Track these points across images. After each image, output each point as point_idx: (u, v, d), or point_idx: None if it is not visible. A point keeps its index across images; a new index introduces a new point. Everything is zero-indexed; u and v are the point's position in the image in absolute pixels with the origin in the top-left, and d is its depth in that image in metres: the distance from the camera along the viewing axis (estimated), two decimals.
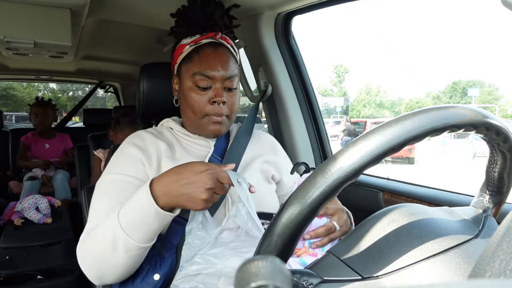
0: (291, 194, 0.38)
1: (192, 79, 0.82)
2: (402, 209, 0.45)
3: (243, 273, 0.20)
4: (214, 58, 0.82)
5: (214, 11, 0.86)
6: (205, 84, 0.82)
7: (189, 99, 0.83)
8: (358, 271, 0.38)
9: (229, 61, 0.84)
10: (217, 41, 0.85)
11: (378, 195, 1.17)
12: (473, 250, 0.39)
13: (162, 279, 0.72)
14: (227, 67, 0.83)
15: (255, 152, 0.93)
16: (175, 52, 0.88)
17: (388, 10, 77.93)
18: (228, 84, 0.83)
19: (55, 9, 1.23)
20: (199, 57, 0.82)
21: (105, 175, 0.80)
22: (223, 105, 0.82)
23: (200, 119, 0.84)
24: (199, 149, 0.88)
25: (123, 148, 0.84)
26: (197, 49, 0.83)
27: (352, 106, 39.37)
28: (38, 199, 2.07)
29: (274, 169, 0.94)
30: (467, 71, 57.79)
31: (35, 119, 2.64)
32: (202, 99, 0.82)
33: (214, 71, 0.81)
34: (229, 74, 0.83)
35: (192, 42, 0.84)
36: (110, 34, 1.92)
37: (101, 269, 0.69)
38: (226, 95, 0.83)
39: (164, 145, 0.84)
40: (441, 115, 0.38)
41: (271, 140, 1.01)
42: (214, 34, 0.86)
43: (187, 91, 0.83)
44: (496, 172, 0.48)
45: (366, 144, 0.36)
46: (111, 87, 3.58)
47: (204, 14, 0.85)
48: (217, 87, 0.82)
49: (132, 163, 0.80)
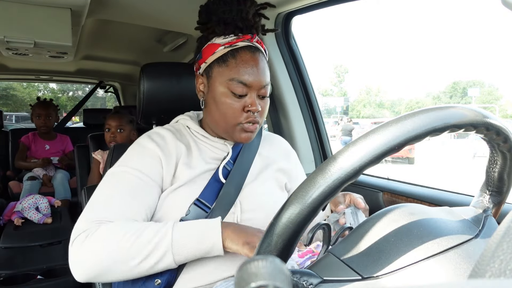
0: (291, 194, 0.38)
1: (227, 85, 0.77)
2: (402, 209, 0.45)
3: (243, 273, 0.20)
4: (253, 64, 0.77)
5: (249, 8, 0.80)
6: (241, 91, 0.77)
7: (221, 106, 0.78)
8: (358, 271, 0.38)
9: (265, 67, 0.80)
10: (254, 45, 0.80)
11: (378, 195, 1.17)
12: (473, 250, 0.39)
13: (163, 284, 0.71)
14: (264, 75, 0.79)
15: (270, 157, 0.91)
16: (204, 50, 0.81)
17: (388, 10, 77.98)
18: (262, 92, 0.80)
19: (55, 9, 1.23)
20: (236, 62, 0.77)
21: (119, 166, 0.77)
22: (256, 113, 0.79)
23: (232, 127, 0.80)
24: (216, 152, 0.85)
25: (141, 142, 0.80)
26: (233, 52, 0.78)
27: (352, 106, 39.37)
28: (38, 199, 2.07)
29: (287, 177, 0.92)
30: (468, 71, 57.83)
31: (38, 120, 2.62)
32: (236, 106, 0.78)
33: (252, 78, 0.77)
34: (265, 82, 0.79)
35: (227, 43, 0.78)
36: (110, 34, 1.92)
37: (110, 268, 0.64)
38: (259, 102, 0.80)
39: (184, 149, 0.81)
40: (441, 115, 0.38)
41: (285, 146, 0.98)
42: (251, 37, 0.80)
43: (219, 97, 0.79)
44: (496, 172, 0.48)
45: (366, 144, 0.36)
46: (111, 87, 3.58)
47: (239, 11, 0.78)
48: (252, 95, 0.78)
49: (150, 161, 0.76)
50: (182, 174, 0.78)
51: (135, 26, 1.60)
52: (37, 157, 2.62)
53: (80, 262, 0.65)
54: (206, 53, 0.81)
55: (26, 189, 2.33)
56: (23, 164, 2.57)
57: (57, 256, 1.74)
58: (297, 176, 0.95)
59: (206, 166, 0.81)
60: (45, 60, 1.79)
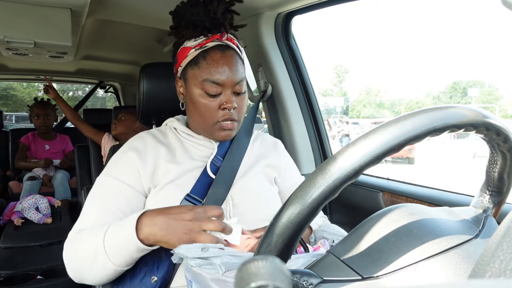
0: (291, 194, 0.38)
1: (201, 86, 0.80)
2: (402, 209, 0.45)
3: (243, 273, 0.20)
4: (223, 63, 0.79)
5: (217, 7, 0.81)
6: (215, 91, 0.79)
7: (198, 106, 0.81)
8: (358, 271, 0.38)
9: (237, 64, 0.82)
10: (224, 43, 0.81)
11: (378, 195, 1.17)
12: (473, 250, 0.39)
13: (160, 282, 0.72)
14: (236, 72, 0.80)
15: (259, 154, 0.93)
16: (178, 54, 0.84)
17: (388, 10, 78.01)
18: (237, 89, 0.81)
19: (55, 9, 1.23)
20: (206, 63, 0.79)
21: (102, 175, 0.82)
22: (233, 110, 0.81)
23: (211, 126, 0.83)
24: (202, 150, 0.87)
25: (123, 151, 0.84)
26: (203, 53, 0.80)
27: (352, 106, 39.36)
28: (38, 199, 2.07)
29: (276, 172, 0.94)
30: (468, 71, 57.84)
31: (37, 121, 2.63)
32: (212, 105, 0.80)
33: (224, 77, 0.79)
34: (238, 79, 0.81)
35: (197, 45, 0.80)
36: (110, 34, 1.92)
37: (81, 274, 0.73)
38: (235, 99, 0.81)
39: (164, 150, 0.84)
40: (441, 115, 0.38)
41: (274, 141, 1.01)
42: (220, 36, 0.81)
43: (195, 98, 0.81)
44: (496, 172, 0.48)
45: (366, 144, 0.36)
46: (111, 87, 3.58)
47: (206, 11, 0.80)
48: (227, 93, 0.80)
49: (128, 170, 0.80)
50: (170, 172, 0.81)
51: (135, 26, 1.60)
52: (37, 157, 2.62)
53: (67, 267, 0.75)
54: (180, 57, 0.83)
55: (26, 189, 2.33)
56: (24, 164, 2.57)
57: (57, 256, 1.73)
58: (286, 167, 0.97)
59: (194, 163, 0.84)
60: (45, 60, 1.79)
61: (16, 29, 1.23)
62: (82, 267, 0.71)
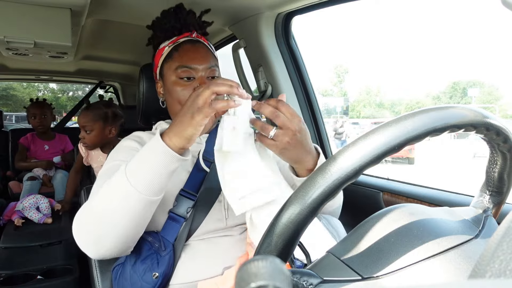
0: (291, 194, 0.38)
1: (175, 73, 0.85)
2: (402, 209, 0.45)
3: (243, 273, 0.20)
4: (194, 51, 0.86)
5: (186, 16, 0.91)
6: (188, 74, 0.84)
7: (174, 93, 0.85)
8: (358, 271, 0.38)
9: (208, 54, 0.88)
10: (194, 39, 0.90)
11: (378, 195, 1.17)
12: (473, 250, 0.39)
13: (161, 278, 0.73)
14: (208, 59, 0.86)
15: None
16: (155, 57, 0.92)
17: (388, 10, 78.03)
18: (210, 74, 0.86)
19: (55, 9, 1.23)
20: (179, 53, 0.86)
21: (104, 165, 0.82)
22: None
23: None
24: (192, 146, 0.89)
25: (122, 143, 0.87)
26: (176, 47, 0.87)
27: (352, 106, 39.36)
28: (39, 199, 2.07)
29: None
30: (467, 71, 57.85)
31: (34, 121, 2.64)
32: (188, 89, 0.84)
33: (195, 62, 0.84)
34: (210, 65, 0.86)
35: (170, 43, 0.88)
36: (110, 34, 1.92)
37: (99, 231, 0.65)
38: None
39: None
40: (441, 115, 0.38)
41: None
42: (190, 34, 0.90)
43: (171, 86, 0.86)
44: (496, 172, 0.48)
45: (366, 144, 0.36)
46: (111, 87, 3.58)
47: (177, 19, 0.90)
48: (200, 75, 0.85)
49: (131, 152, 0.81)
50: None
51: (135, 26, 1.60)
52: (37, 158, 2.62)
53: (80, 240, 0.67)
54: (156, 58, 0.91)
55: (26, 189, 2.33)
56: (24, 164, 2.57)
57: (57, 256, 1.74)
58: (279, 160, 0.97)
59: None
60: (45, 60, 1.79)
61: (16, 29, 1.23)
62: (100, 221, 0.64)
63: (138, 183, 0.62)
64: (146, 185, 0.62)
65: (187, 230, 0.78)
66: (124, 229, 0.64)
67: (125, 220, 0.63)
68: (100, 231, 0.65)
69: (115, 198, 0.63)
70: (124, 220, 0.63)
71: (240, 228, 0.84)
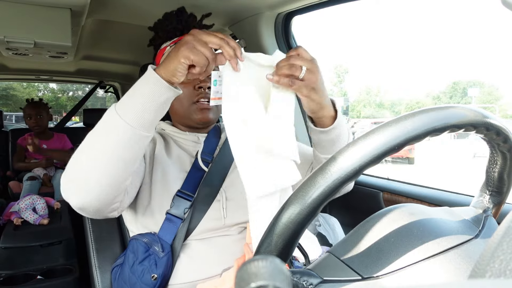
0: (291, 194, 0.38)
1: None
2: (402, 209, 0.45)
3: (243, 273, 0.20)
4: None
5: (187, 19, 0.93)
6: None
7: None
8: (358, 271, 0.38)
9: None
10: None
11: (378, 195, 1.17)
12: (473, 250, 0.39)
13: (160, 279, 0.73)
14: None
15: None
16: (156, 57, 0.92)
17: (388, 10, 78.02)
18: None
19: (55, 9, 1.23)
20: None
21: None
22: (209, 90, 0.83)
23: (188, 108, 0.87)
24: (190, 145, 0.91)
25: None
26: None
27: (352, 106, 39.34)
28: (36, 200, 2.06)
29: None
30: (467, 71, 57.84)
31: (30, 121, 2.63)
32: (188, 87, 0.85)
33: None
34: None
35: (172, 42, 0.89)
36: (110, 34, 1.92)
37: (85, 170, 0.63)
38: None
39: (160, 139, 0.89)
40: (441, 115, 0.38)
41: None
42: None
43: None
44: (496, 172, 0.48)
45: (366, 144, 0.36)
46: (111, 87, 3.58)
47: (179, 21, 0.91)
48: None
49: None
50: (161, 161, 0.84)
51: (135, 26, 1.60)
52: (36, 158, 2.61)
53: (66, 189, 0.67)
54: (158, 58, 0.91)
55: (26, 189, 2.33)
56: (23, 165, 2.57)
57: (57, 256, 1.74)
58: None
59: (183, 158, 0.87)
60: (45, 60, 1.79)
61: (16, 29, 1.23)
62: (86, 160, 0.62)
63: (126, 114, 0.61)
64: (134, 116, 0.61)
65: (185, 230, 0.78)
66: (110, 167, 0.62)
67: (111, 156, 0.61)
68: (86, 169, 0.63)
69: (103, 132, 0.62)
70: (110, 156, 0.61)
71: (238, 228, 0.84)
